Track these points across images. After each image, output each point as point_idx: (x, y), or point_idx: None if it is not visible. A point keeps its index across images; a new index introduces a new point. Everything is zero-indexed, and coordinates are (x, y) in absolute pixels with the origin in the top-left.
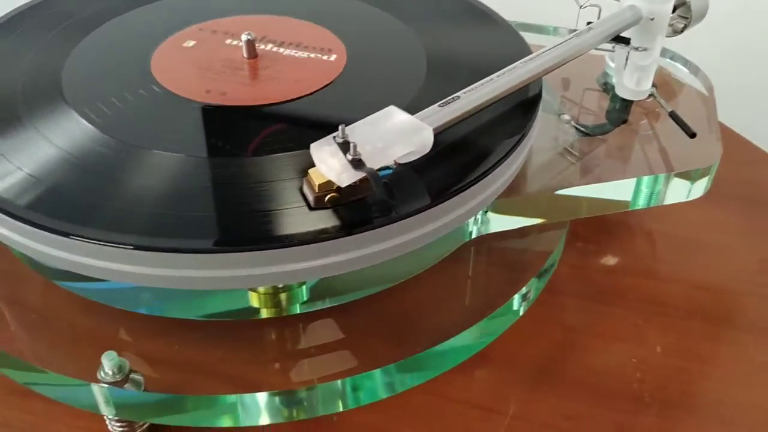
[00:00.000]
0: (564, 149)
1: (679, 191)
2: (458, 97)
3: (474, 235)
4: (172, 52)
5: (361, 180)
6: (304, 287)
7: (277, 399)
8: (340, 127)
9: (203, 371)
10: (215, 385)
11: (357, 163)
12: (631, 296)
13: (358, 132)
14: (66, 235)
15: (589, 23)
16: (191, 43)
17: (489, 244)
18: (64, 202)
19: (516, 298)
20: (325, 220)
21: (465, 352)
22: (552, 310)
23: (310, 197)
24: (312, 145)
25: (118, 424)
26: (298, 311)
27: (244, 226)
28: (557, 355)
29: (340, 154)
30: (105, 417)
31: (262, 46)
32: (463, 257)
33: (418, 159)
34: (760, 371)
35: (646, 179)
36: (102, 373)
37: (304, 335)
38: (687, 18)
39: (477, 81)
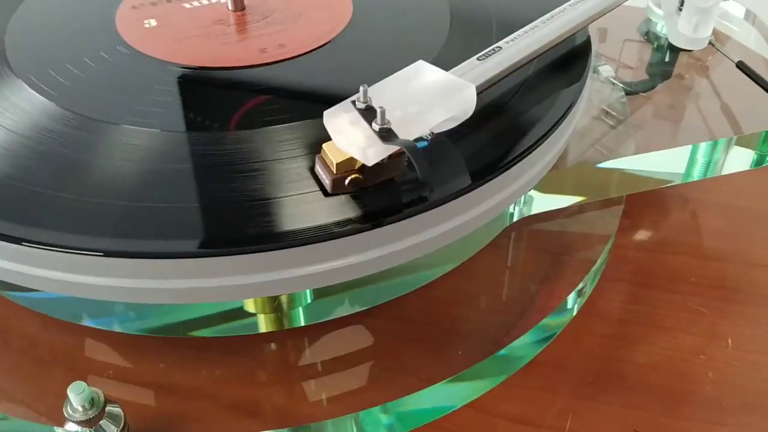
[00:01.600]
0: (601, 110)
1: (742, 159)
2: (500, 48)
3: (515, 218)
4: (141, 7)
5: (390, 156)
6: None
7: None
8: (361, 89)
9: (197, 395)
10: (212, 412)
11: (386, 134)
12: (689, 279)
13: (384, 94)
14: (16, 241)
15: None
16: None
17: (530, 229)
18: (11, 198)
19: (571, 297)
20: (344, 208)
21: (516, 363)
22: (598, 299)
23: (327, 180)
24: (326, 113)
25: None
26: (303, 322)
27: (243, 220)
28: (612, 354)
29: (364, 123)
30: None
31: None
32: (502, 246)
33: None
34: None
35: (703, 146)
36: (69, 410)
37: (319, 348)
38: None
39: (511, 32)
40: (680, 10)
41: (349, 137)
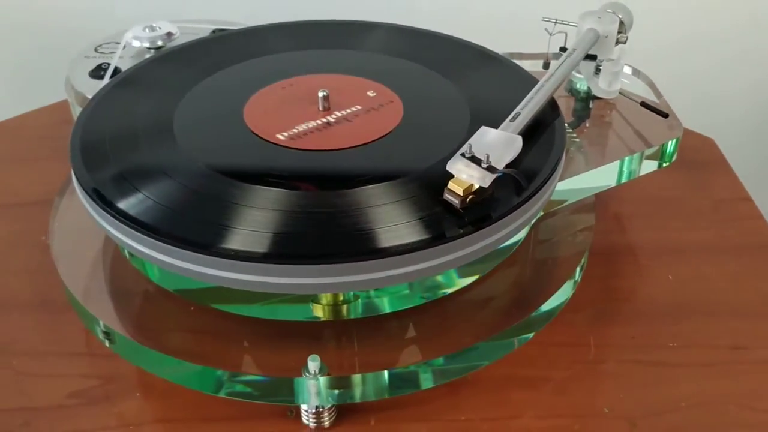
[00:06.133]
0: None
1: (651, 165)
2: (519, 113)
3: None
4: (259, 104)
5: None
6: (360, 301)
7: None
8: (466, 145)
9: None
10: None
11: (492, 168)
12: (635, 244)
13: (477, 147)
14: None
15: (562, 48)
16: (275, 96)
17: (537, 228)
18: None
19: (578, 270)
20: (456, 222)
21: (550, 316)
22: (588, 265)
23: (456, 201)
24: (449, 163)
25: (314, 413)
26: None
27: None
28: (604, 296)
29: (473, 165)
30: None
31: (335, 100)
32: (527, 243)
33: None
34: (736, 276)
35: (626, 159)
36: (306, 373)
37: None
38: (623, 32)
39: (508, 113)
40: (596, 74)
41: (468, 174)
